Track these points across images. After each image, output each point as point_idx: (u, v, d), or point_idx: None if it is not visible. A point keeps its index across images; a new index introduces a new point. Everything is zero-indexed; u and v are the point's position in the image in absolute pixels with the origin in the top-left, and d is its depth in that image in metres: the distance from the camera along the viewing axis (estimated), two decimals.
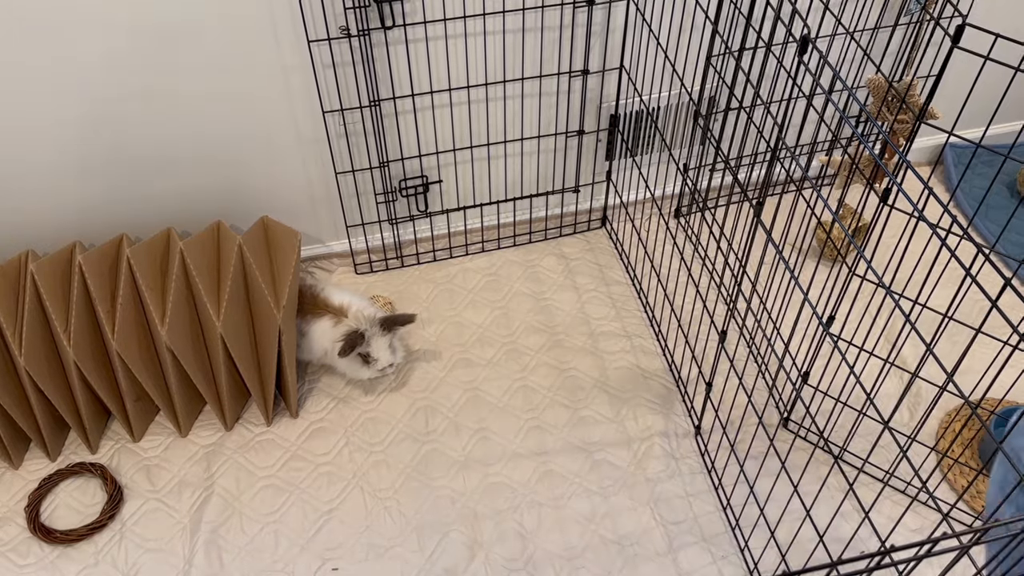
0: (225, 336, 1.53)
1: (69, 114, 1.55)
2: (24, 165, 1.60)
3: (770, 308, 1.84)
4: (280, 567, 1.51)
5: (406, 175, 1.87)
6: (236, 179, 1.77)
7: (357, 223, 1.94)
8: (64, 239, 1.74)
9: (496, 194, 1.98)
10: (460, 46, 1.67)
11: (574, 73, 1.79)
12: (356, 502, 1.59)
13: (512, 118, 1.83)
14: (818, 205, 2.04)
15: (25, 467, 1.65)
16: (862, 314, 1.52)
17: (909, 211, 1.53)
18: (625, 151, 1.97)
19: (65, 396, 1.58)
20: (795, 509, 1.55)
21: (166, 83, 1.56)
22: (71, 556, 1.52)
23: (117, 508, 1.58)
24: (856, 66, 1.92)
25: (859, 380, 1.07)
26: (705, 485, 1.61)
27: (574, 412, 1.72)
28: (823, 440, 1.48)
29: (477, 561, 1.51)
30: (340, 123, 1.73)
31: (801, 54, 1.07)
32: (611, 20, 1.72)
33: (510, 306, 1.92)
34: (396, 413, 1.72)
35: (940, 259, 1.97)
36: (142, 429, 1.69)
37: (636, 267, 1.98)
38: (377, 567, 1.51)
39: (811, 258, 1.99)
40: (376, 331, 1.64)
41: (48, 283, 1.51)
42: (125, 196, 1.72)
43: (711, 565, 1.50)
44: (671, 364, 1.80)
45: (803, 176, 2.16)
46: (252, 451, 1.67)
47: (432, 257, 2.02)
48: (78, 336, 1.51)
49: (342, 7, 1.55)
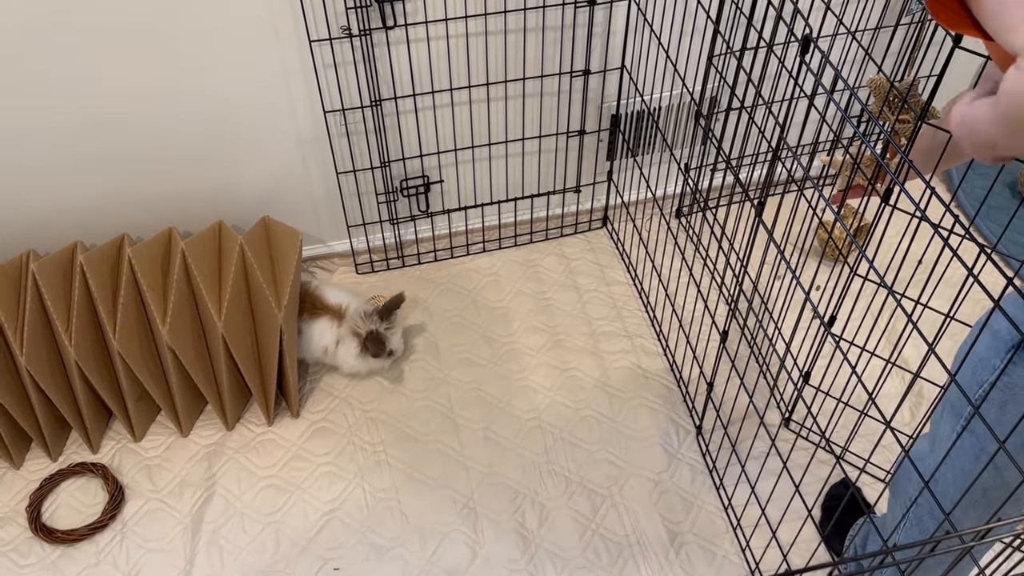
0: (227, 336, 1.53)
1: (69, 114, 1.55)
2: (25, 165, 1.60)
3: (771, 308, 1.84)
4: (281, 567, 1.51)
5: (407, 175, 1.87)
6: (237, 179, 1.77)
7: (358, 223, 1.94)
8: (65, 239, 1.74)
9: (497, 194, 1.98)
10: (461, 46, 1.67)
11: (575, 73, 1.79)
12: (357, 502, 1.59)
13: (513, 118, 1.83)
14: (819, 205, 2.04)
15: (26, 467, 1.65)
16: (864, 314, 1.52)
17: (911, 211, 1.53)
18: (626, 151, 1.97)
19: (66, 396, 1.58)
20: (796, 509, 1.54)
21: (166, 83, 1.56)
22: (72, 556, 1.52)
23: (118, 508, 1.58)
24: (858, 66, 1.92)
25: (861, 380, 1.07)
26: (706, 485, 1.60)
27: (575, 412, 1.72)
28: (824, 440, 1.48)
29: (477, 561, 1.51)
30: (341, 123, 1.73)
31: (803, 54, 1.07)
32: (612, 20, 1.72)
33: (511, 306, 1.92)
34: (397, 413, 1.72)
35: (942, 259, 1.97)
36: (143, 429, 1.69)
37: (637, 267, 1.98)
38: (378, 567, 1.51)
39: (812, 258, 1.99)
40: (382, 324, 1.66)
41: (49, 283, 1.51)
42: (126, 196, 1.72)
43: (712, 565, 1.50)
44: (672, 364, 1.80)
45: (804, 176, 2.16)
46: (253, 451, 1.66)
47: (433, 257, 2.02)
48: (79, 336, 1.51)
49: (343, 7, 1.55)
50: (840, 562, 0.80)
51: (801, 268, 1.95)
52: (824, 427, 1.64)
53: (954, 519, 1.02)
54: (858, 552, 1.37)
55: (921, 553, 1.01)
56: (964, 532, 0.79)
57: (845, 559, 0.96)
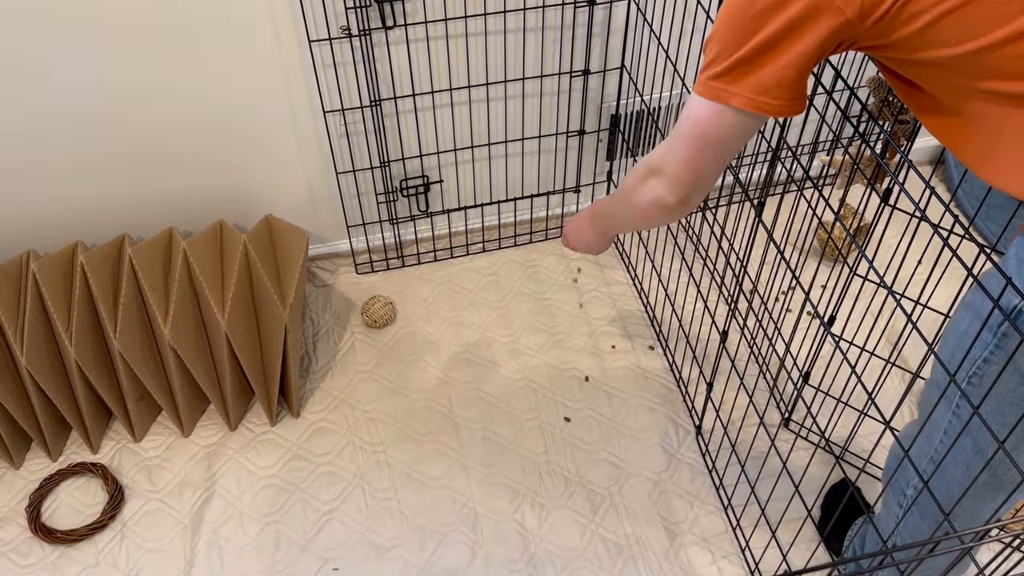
0: (230, 334, 1.53)
1: (69, 114, 1.55)
2: (25, 165, 1.60)
3: (771, 308, 1.84)
4: (281, 567, 1.51)
5: (407, 175, 1.87)
6: (237, 179, 1.77)
7: (358, 223, 1.94)
8: (65, 239, 1.74)
9: (497, 194, 1.98)
10: (461, 46, 1.67)
11: (575, 73, 1.79)
12: (357, 502, 1.59)
13: (513, 118, 1.83)
14: (819, 205, 2.04)
15: (26, 467, 1.65)
16: (863, 314, 1.52)
17: (910, 211, 1.53)
18: (626, 151, 1.97)
19: (66, 396, 1.58)
20: (796, 509, 1.55)
21: (166, 83, 1.56)
22: (72, 556, 1.52)
23: (118, 508, 1.58)
24: (857, 66, 1.92)
25: (860, 380, 1.07)
26: (706, 485, 1.61)
27: (574, 412, 1.72)
28: (824, 440, 1.48)
29: (477, 561, 1.51)
30: (341, 123, 1.73)
31: None
32: (612, 20, 1.72)
33: (510, 306, 1.92)
34: (396, 413, 1.72)
35: (941, 259, 1.97)
36: (143, 429, 1.69)
37: (637, 267, 1.98)
38: (378, 567, 1.51)
39: (812, 258, 1.99)
40: None
41: (50, 283, 1.51)
42: (126, 196, 1.72)
43: (712, 565, 1.50)
44: (672, 364, 1.80)
45: (804, 176, 2.16)
46: (253, 451, 1.67)
47: (433, 257, 2.02)
48: (80, 336, 1.51)
49: (343, 7, 1.55)
50: (840, 562, 0.80)
51: (801, 268, 1.95)
52: (824, 427, 1.64)
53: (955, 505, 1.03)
54: (857, 552, 1.37)
55: (921, 553, 1.01)
56: (964, 532, 0.79)
57: (844, 559, 0.96)
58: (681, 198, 0.99)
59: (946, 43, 0.79)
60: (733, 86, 0.87)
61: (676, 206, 1.00)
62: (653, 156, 1.01)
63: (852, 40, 0.84)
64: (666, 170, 0.98)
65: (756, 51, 0.84)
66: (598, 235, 1.29)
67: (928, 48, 0.81)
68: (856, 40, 0.84)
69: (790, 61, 0.84)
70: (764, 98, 0.87)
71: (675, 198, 0.99)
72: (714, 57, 0.88)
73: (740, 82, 0.87)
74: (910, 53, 0.83)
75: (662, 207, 1.01)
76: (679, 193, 0.99)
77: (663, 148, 0.99)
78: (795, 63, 0.84)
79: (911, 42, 0.81)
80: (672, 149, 0.97)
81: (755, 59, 0.85)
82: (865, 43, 0.85)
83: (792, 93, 0.87)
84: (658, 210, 1.02)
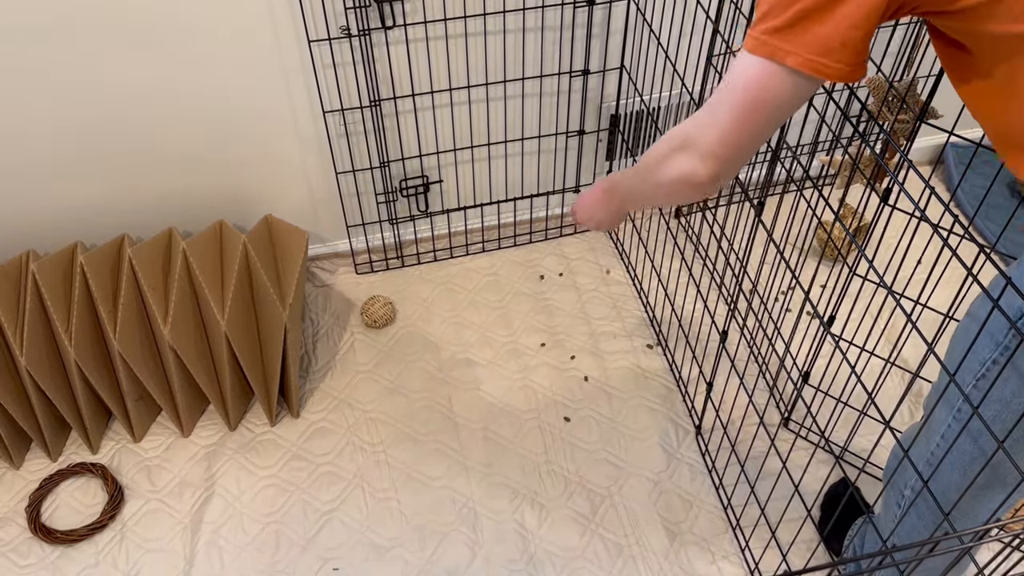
0: (230, 334, 1.53)
1: (69, 114, 1.55)
2: (25, 165, 1.60)
3: (771, 308, 1.84)
4: (281, 567, 1.51)
5: (406, 175, 1.87)
6: (236, 179, 1.77)
7: (357, 223, 1.94)
8: (65, 240, 1.74)
9: (496, 194, 1.98)
10: (460, 46, 1.67)
11: (574, 73, 1.79)
12: (357, 502, 1.59)
13: (512, 118, 1.83)
14: (819, 205, 2.04)
15: (26, 467, 1.65)
16: (863, 314, 1.52)
17: (910, 211, 1.53)
18: (626, 151, 1.97)
19: (66, 396, 1.58)
20: (796, 509, 1.55)
21: (166, 83, 1.56)
22: (72, 556, 1.52)
23: (118, 508, 1.58)
24: None
25: (860, 380, 1.07)
26: (706, 485, 1.61)
27: (574, 412, 1.72)
28: (824, 440, 1.48)
29: (477, 561, 1.51)
30: (340, 123, 1.73)
31: None
32: (611, 20, 1.72)
33: (510, 306, 1.92)
34: (396, 413, 1.72)
35: (941, 259, 1.97)
36: (143, 429, 1.69)
37: (636, 267, 1.98)
38: (378, 567, 1.51)
39: (812, 258, 1.99)
40: None
41: (49, 283, 1.51)
42: (126, 196, 1.72)
43: (711, 565, 1.50)
44: (671, 364, 1.80)
45: (804, 176, 2.16)
46: (253, 451, 1.67)
47: (432, 257, 2.03)
48: (79, 336, 1.51)
49: (342, 7, 1.55)
50: (839, 562, 0.80)
51: (800, 268, 1.95)
52: (823, 427, 1.64)
53: (952, 507, 1.03)
54: (857, 552, 1.37)
55: (920, 553, 1.01)
56: (964, 532, 0.79)
57: (844, 559, 0.96)
58: (714, 174, 0.89)
59: (1019, 19, 0.73)
60: (789, 43, 0.78)
61: (707, 182, 0.90)
62: (683, 128, 0.91)
63: (913, 5, 0.78)
64: (699, 142, 0.88)
65: (818, 4, 0.76)
66: (612, 212, 1.19)
67: (993, 22, 0.75)
68: (917, 5, 0.78)
69: (855, 18, 0.76)
70: (825, 59, 0.78)
71: (707, 173, 0.89)
72: (769, 9, 0.79)
73: (798, 38, 0.78)
74: (978, 24, 0.76)
75: (691, 184, 0.91)
76: (713, 168, 0.89)
77: (694, 119, 0.89)
78: (860, 22, 0.76)
79: (979, 11, 0.75)
80: (707, 119, 0.87)
81: (815, 14, 0.77)
82: (925, 8, 0.78)
83: (857, 57, 0.79)
84: (685, 187, 0.92)
